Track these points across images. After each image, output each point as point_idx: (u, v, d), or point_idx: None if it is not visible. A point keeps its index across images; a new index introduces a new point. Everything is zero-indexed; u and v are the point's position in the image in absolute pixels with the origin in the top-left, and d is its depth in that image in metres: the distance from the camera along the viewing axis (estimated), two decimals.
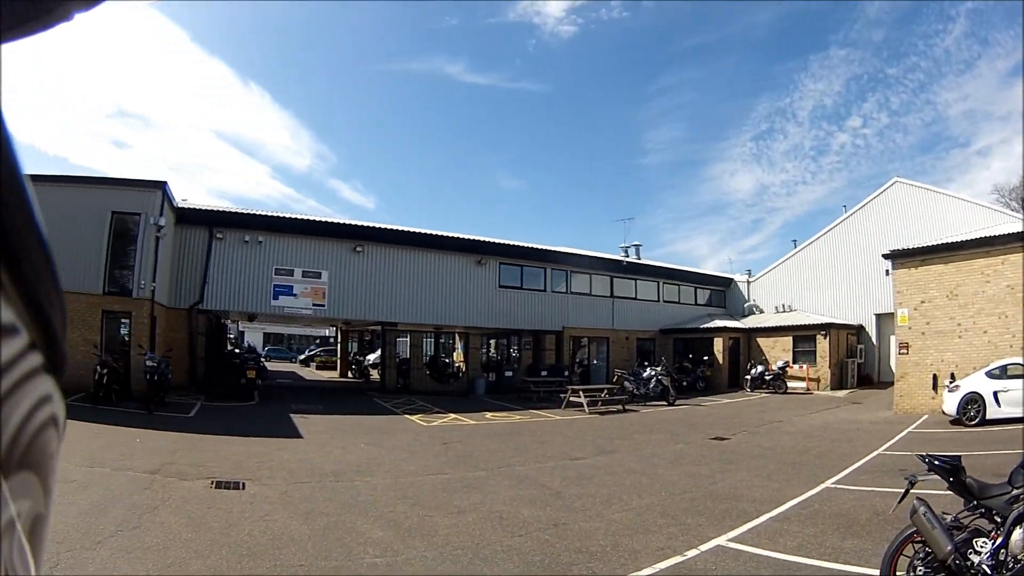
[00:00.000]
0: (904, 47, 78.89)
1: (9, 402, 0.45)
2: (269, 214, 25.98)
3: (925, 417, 18.31)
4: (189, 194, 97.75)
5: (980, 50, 67.04)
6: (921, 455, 5.19)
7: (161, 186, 20.01)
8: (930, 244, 20.83)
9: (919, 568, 4.81)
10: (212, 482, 9.10)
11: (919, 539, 4.83)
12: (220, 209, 25.83)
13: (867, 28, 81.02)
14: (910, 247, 21.32)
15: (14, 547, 0.47)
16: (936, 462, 4.99)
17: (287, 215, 26.98)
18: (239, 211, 25.88)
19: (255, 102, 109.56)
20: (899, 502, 5.11)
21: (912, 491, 4.98)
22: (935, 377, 19.26)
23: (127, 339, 19.22)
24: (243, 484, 9.13)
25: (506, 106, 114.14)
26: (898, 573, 4.91)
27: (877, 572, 5.11)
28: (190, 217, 23.29)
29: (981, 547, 4.58)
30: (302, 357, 52.53)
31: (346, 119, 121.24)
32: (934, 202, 30.33)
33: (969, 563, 4.55)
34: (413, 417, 18.65)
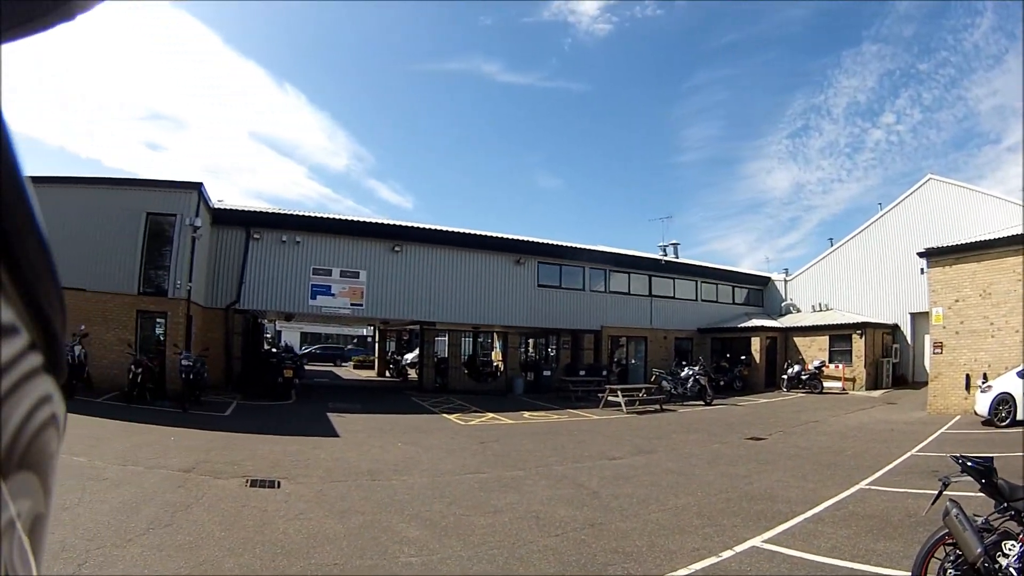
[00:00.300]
0: (934, 42, 77.48)
1: (9, 402, 0.45)
2: (306, 214, 26.08)
3: (958, 418, 17.95)
4: (226, 195, 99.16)
5: (1007, 44, 65.38)
6: (954, 456, 5.11)
7: (196, 187, 20.10)
8: (963, 242, 20.31)
9: (949, 570, 4.69)
10: (247, 480, 9.01)
11: (951, 541, 4.71)
12: (257, 209, 25.96)
13: (898, 23, 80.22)
14: (944, 245, 20.82)
15: (14, 547, 0.46)
16: (969, 463, 4.90)
17: (325, 215, 27.05)
18: (276, 211, 26.01)
19: (290, 103, 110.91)
20: (932, 504, 4.99)
21: (945, 492, 4.87)
22: (968, 377, 18.79)
23: (162, 339, 19.31)
24: (278, 483, 9.02)
25: (543, 105, 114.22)
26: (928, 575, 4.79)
27: (909, 574, 5.04)
28: (226, 217, 23.48)
29: (1009, 550, 4.45)
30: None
31: (383, 119, 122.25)
32: (968, 199, 29.61)
33: (998, 566, 4.42)
34: (451, 416, 18.53)
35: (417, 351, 31.22)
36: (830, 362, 30.15)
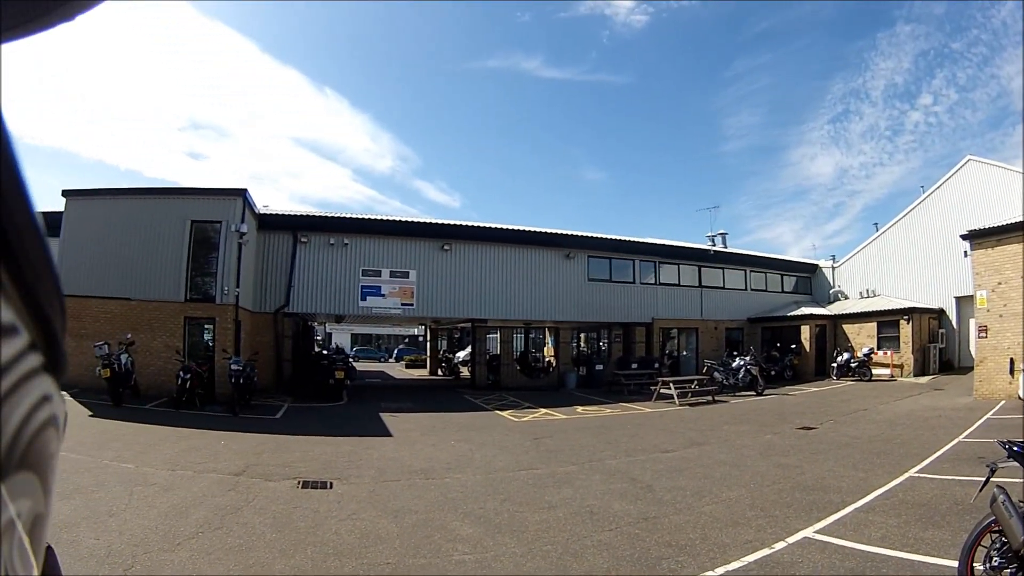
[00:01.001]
0: (964, 20, 76.46)
1: (9, 402, 0.45)
2: (354, 216, 26.27)
3: (1003, 403, 17.40)
4: (272, 200, 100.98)
5: None
6: (1001, 441, 5.02)
7: (241, 193, 20.28)
8: (1004, 223, 19.54)
9: (995, 558, 4.58)
10: (299, 482, 8.94)
11: (997, 528, 4.60)
12: (303, 214, 26.19)
13: (929, 1, 79.69)
14: (986, 227, 20.05)
15: (14, 547, 0.47)
16: (1016, 448, 4.80)
17: (372, 216, 27.21)
18: (323, 215, 26.28)
19: (332, 107, 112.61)
20: (980, 491, 5.00)
21: (992, 479, 4.79)
22: (1012, 361, 18.14)
23: (211, 344, 19.50)
24: (330, 484, 8.94)
25: (586, 99, 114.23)
26: (975, 564, 4.68)
27: (956, 563, 4.91)
28: (273, 223, 23.69)
29: None
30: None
31: (426, 120, 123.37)
32: (1007, 179, 28.49)
33: None
34: (503, 413, 18.41)
35: (469, 349, 31.28)
36: (878, 349, 29.55)
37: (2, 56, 0.54)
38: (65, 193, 19.13)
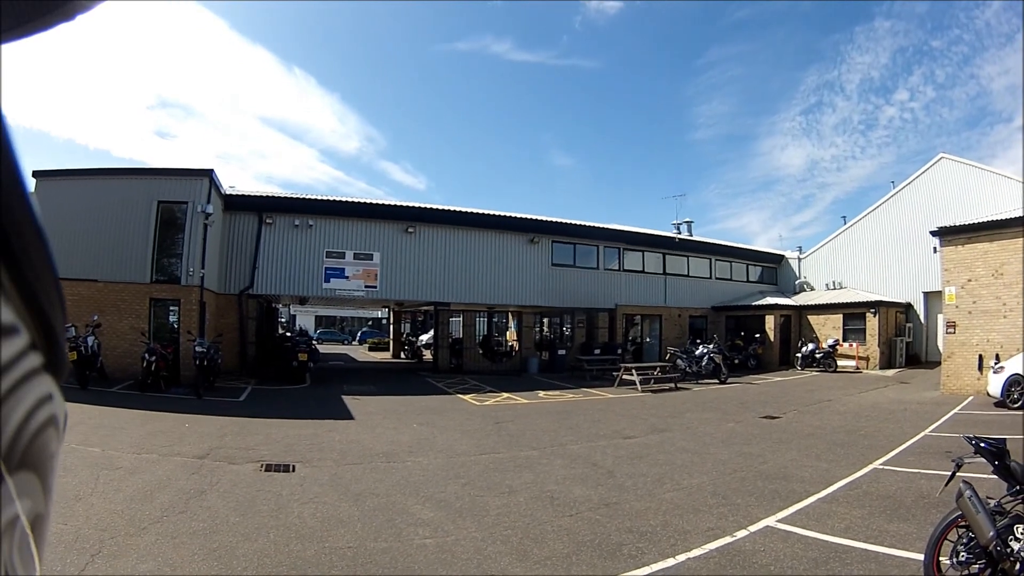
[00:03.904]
0: (947, 19, 77.35)
1: (9, 402, 0.45)
2: (319, 198, 25.95)
3: (971, 398, 17.83)
4: (237, 181, 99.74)
5: (1018, 23, 64.32)
6: (968, 436, 5.05)
7: (207, 174, 20.04)
8: (976, 221, 20.06)
9: (961, 553, 4.67)
10: (261, 465, 9.02)
11: (964, 523, 4.70)
12: (269, 195, 26.01)
13: (910, 1, 79.79)
14: (956, 224, 20.51)
15: (14, 547, 0.46)
16: (982, 444, 4.83)
17: (337, 198, 26.90)
18: (288, 195, 26.07)
19: (300, 87, 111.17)
20: (945, 485, 5.07)
21: (958, 474, 4.89)
22: (981, 358, 18.63)
23: (176, 326, 19.34)
24: (293, 467, 9.03)
25: (556, 84, 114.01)
26: (941, 558, 4.78)
27: (921, 556, 5.01)
28: (239, 203, 23.51)
29: (1022, 534, 4.42)
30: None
31: (394, 101, 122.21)
32: (980, 179, 29.49)
33: (1009, 550, 4.39)
34: (466, 397, 18.53)
35: (432, 332, 31.23)
36: (844, 341, 30.14)
37: (2, 56, 0.55)
38: (35, 174, 18.72)
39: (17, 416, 0.46)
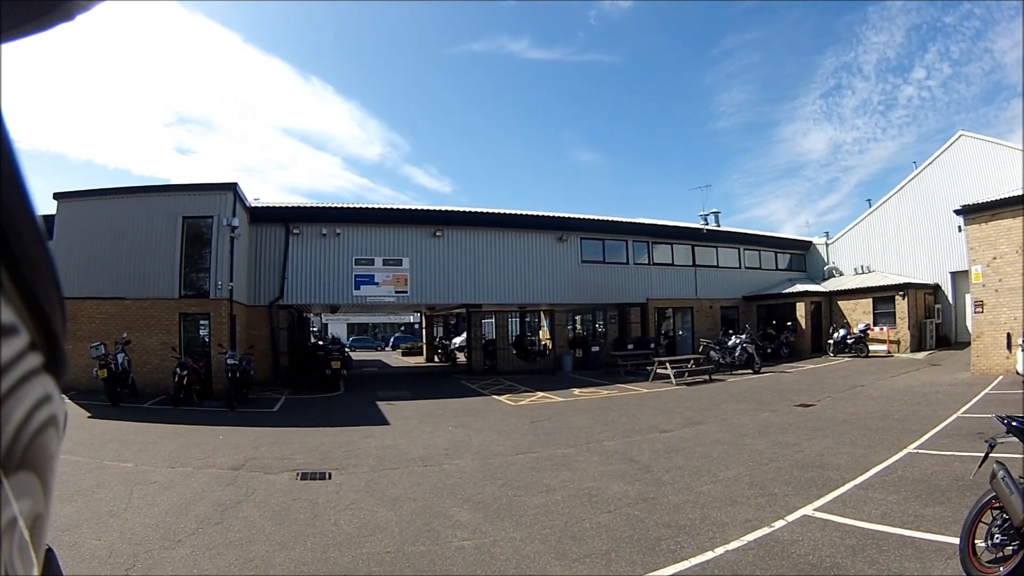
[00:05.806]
0: None
1: (9, 402, 0.46)
2: (345, 206, 26.17)
3: (1000, 378, 17.53)
4: (262, 193, 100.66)
5: None
6: (1000, 416, 4.96)
7: (232, 187, 20.16)
8: (998, 198, 19.56)
9: (996, 535, 4.57)
10: (297, 474, 8.99)
11: (998, 505, 4.59)
12: (294, 205, 26.20)
13: None
14: (979, 202, 20.06)
15: (14, 547, 0.47)
16: (1015, 423, 4.75)
17: (363, 205, 27.08)
18: (314, 205, 26.26)
19: (318, 95, 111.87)
20: (979, 466, 5.07)
21: (992, 455, 4.83)
22: (1009, 336, 18.28)
23: (207, 340, 19.45)
24: (329, 474, 8.98)
25: (575, 80, 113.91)
26: (976, 541, 4.67)
27: (957, 540, 4.89)
28: (264, 215, 23.70)
29: None
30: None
31: (414, 105, 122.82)
32: (1000, 155, 28.78)
33: None
34: (501, 397, 18.46)
35: (464, 335, 31.23)
36: (874, 325, 29.85)
37: (2, 56, 0.55)
38: (56, 196, 19.02)
39: (17, 416, 0.46)
